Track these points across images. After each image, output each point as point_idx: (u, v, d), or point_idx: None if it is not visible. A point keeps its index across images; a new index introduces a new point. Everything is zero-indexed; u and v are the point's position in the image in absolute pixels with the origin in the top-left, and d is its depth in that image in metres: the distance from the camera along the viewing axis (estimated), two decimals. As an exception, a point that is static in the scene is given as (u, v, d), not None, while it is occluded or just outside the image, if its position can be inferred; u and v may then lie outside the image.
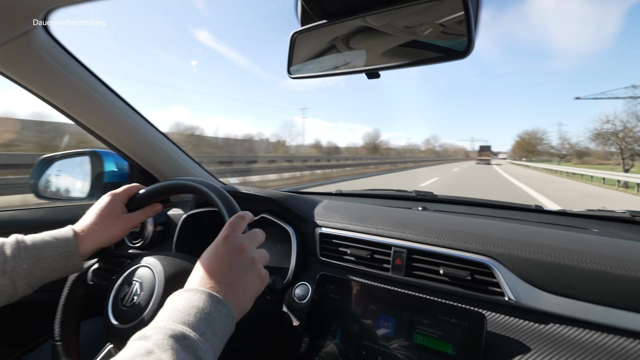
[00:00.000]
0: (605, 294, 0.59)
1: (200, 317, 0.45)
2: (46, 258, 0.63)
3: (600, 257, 0.63)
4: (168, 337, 0.41)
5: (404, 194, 1.43)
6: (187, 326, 0.43)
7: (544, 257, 0.65)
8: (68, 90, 0.93)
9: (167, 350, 0.39)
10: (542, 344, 0.60)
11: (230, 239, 0.57)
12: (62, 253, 0.64)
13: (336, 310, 0.73)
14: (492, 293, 0.67)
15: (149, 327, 0.44)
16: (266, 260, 0.61)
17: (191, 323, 0.44)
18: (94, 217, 0.71)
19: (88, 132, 1.06)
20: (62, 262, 0.64)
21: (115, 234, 0.73)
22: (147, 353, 0.38)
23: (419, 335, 0.65)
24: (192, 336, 0.42)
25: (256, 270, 0.57)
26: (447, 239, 0.74)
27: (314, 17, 0.61)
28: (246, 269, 0.55)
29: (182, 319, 0.44)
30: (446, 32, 0.50)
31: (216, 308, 0.48)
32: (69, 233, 0.67)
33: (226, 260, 0.54)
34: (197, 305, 0.47)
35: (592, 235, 0.83)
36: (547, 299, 0.63)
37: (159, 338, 0.40)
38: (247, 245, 0.58)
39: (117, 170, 1.26)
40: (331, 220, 0.90)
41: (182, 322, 0.44)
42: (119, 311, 0.65)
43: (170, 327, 0.42)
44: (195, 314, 0.45)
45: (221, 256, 0.55)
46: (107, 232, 0.71)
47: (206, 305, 0.47)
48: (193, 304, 0.47)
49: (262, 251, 0.60)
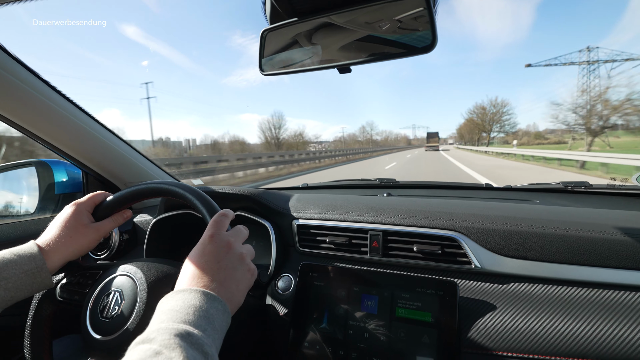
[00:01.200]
0: (553, 253, 0.69)
1: (199, 315, 0.46)
2: (10, 277, 0.58)
3: (546, 222, 0.74)
4: (173, 336, 0.41)
5: (369, 183, 1.50)
6: (189, 324, 0.44)
7: (501, 227, 0.74)
8: (9, 94, 0.84)
9: (175, 348, 0.39)
10: (506, 301, 0.68)
11: (216, 237, 0.58)
12: (28, 270, 0.60)
13: (321, 297, 0.77)
14: (461, 263, 0.75)
15: (149, 330, 0.43)
16: (253, 255, 0.62)
17: (192, 321, 0.45)
18: (59, 229, 0.67)
19: (34, 140, 0.97)
20: (28, 280, 0.60)
21: (84, 246, 0.69)
22: (155, 354, 0.38)
23: (400, 309, 0.70)
24: (196, 333, 0.43)
25: (245, 265, 0.58)
26: (417, 219, 0.81)
27: (283, 15, 0.62)
28: (236, 265, 0.56)
29: (183, 318, 0.45)
30: (412, 28, 0.55)
31: (212, 305, 0.49)
32: (33, 248, 0.62)
33: (215, 258, 0.55)
34: (194, 303, 0.47)
35: (535, 205, 0.95)
36: (507, 263, 0.72)
37: (164, 338, 0.40)
38: (234, 241, 0.59)
39: (69, 180, 1.18)
40: (307, 212, 0.93)
41: (183, 321, 0.44)
42: (99, 323, 0.62)
43: (174, 327, 0.42)
44: (194, 312, 0.46)
45: (209, 255, 0.55)
46: (75, 244, 0.67)
47: (203, 303, 0.48)
48: (190, 303, 0.47)
49: (248, 246, 0.62)
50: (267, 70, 0.67)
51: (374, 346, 0.69)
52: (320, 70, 0.64)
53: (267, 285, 0.86)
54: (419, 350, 0.66)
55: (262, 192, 0.97)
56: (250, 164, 15.13)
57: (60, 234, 0.66)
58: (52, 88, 0.93)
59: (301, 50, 0.66)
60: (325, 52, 0.64)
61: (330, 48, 0.63)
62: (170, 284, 0.64)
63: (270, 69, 0.68)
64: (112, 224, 0.74)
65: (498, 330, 0.65)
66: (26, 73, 0.86)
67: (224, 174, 12.46)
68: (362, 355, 0.69)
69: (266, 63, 0.67)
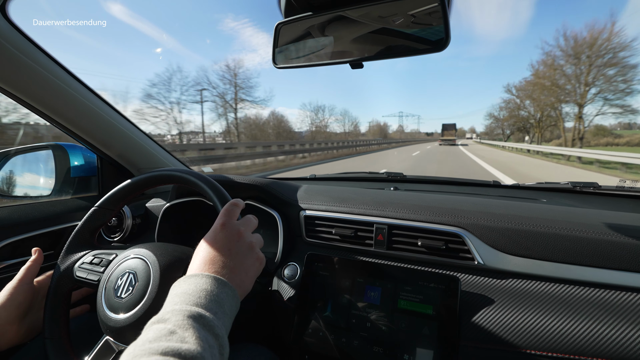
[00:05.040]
0: (556, 252, 0.70)
1: (210, 299, 0.48)
2: None
3: (551, 222, 0.74)
4: (186, 317, 0.43)
5: (376, 176, 1.51)
6: (201, 307, 0.46)
7: (506, 225, 0.75)
8: (31, 80, 0.87)
9: (188, 329, 0.42)
10: (506, 297, 0.70)
11: (227, 225, 0.60)
12: None
13: (326, 286, 0.79)
14: (464, 259, 0.76)
15: (163, 311, 0.46)
16: (261, 244, 0.64)
17: (204, 304, 0.47)
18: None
19: (53, 125, 1.00)
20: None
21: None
22: (170, 333, 0.41)
23: (402, 301, 0.72)
24: (208, 315, 0.45)
25: (254, 253, 0.60)
26: (423, 214, 0.82)
27: (298, 9, 0.63)
28: (246, 253, 0.58)
29: (195, 302, 0.47)
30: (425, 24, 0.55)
31: (223, 290, 0.51)
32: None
33: (226, 245, 0.57)
34: (205, 288, 0.50)
35: (542, 204, 0.95)
36: (509, 260, 0.73)
37: (178, 319, 0.43)
38: (244, 230, 0.61)
39: (85, 164, 1.21)
40: (314, 203, 0.95)
41: (195, 304, 0.47)
42: (114, 303, 0.65)
43: (187, 309, 0.45)
44: (206, 296, 0.48)
45: (221, 242, 0.57)
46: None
47: (214, 288, 0.50)
48: (202, 287, 0.49)
49: (257, 235, 0.64)
50: (280, 64, 0.69)
51: (376, 335, 0.71)
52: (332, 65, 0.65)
53: (274, 273, 0.88)
54: (420, 341, 0.68)
55: (270, 183, 0.98)
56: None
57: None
58: (73, 76, 0.96)
59: (314, 44, 0.66)
60: (338, 46, 0.65)
61: (343, 43, 0.64)
62: (181, 269, 0.67)
63: (284, 62, 0.69)
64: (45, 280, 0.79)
65: (497, 325, 0.67)
66: (47, 60, 0.88)
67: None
68: (363, 343, 0.71)
69: (280, 56, 0.69)
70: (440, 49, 0.53)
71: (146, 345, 0.39)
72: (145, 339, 0.40)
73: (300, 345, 0.76)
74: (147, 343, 0.39)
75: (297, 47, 0.68)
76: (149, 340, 0.40)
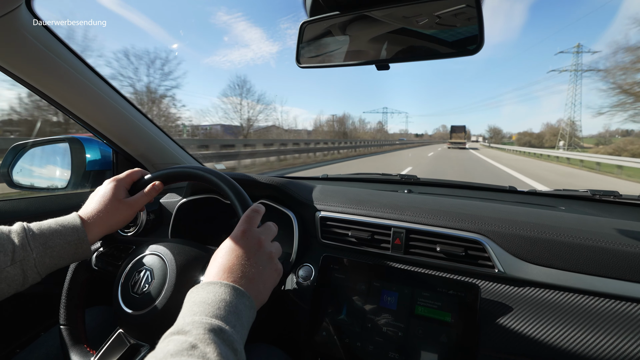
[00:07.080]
0: (579, 263, 0.68)
1: (229, 310, 0.47)
2: (55, 247, 0.62)
3: (575, 232, 0.72)
4: (207, 331, 0.42)
5: (389, 178, 1.50)
6: (221, 320, 0.45)
7: (528, 233, 0.74)
8: (52, 73, 0.87)
9: (210, 344, 0.41)
10: (527, 307, 0.68)
11: (248, 233, 0.58)
12: (71, 241, 0.64)
13: (341, 289, 0.78)
14: (484, 266, 0.75)
15: (183, 322, 0.45)
16: (280, 253, 0.63)
17: (223, 317, 0.46)
18: (98, 204, 0.70)
19: (71, 118, 1.01)
20: (71, 250, 0.64)
21: (120, 220, 0.72)
22: (192, 347, 0.40)
23: (420, 307, 0.71)
24: (228, 329, 0.45)
25: (273, 264, 0.59)
26: (442, 219, 0.81)
27: (324, 8, 0.62)
28: (265, 263, 0.57)
29: (215, 313, 0.46)
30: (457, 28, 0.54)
31: (241, 300, 0.50)
32: (76, 220, 0.66)
33: (246, 254, 0.56)
34: (224, 298, 0.49)
35: (563, 213, 0.93)
36: (531, 269, 0.71)
37: (199, 333, 0.42)
38: (265, 239, 0.59)
39: (101, 158, 1.22)
40: (330, 204, 0.94)
41: (215, 316, 0.46)
42: (130, 298, 0.65)
43: (208, 322, 0.44)
44: (225, 307, 0.47)
45: (241, 250, 0.56)
46: (113, 218, 0.70)
47: (233, 298, 0.49)
48: (221, 297, 0.48)
49: (276, 245, 0.62)
50: (304, 63, 0.68)
51: (391, 341, 0.70)
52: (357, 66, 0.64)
53: (288, 274, 0.88)
54: (437, 349, 0.67)
55: (286, 182, 0.98)
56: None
57: (100, 209, 0.69)
58: (92, 70, 0.96)
59: (339, 44, 0.65)
60: (363, 47, 0.64)
61: (369, 43, 0.63)
62: (197, 269, 0.67)
63: (308, 62, 0.68)
64: (146, 199, 0.76)
65: (517, 335, 0.65)
66: (69, 54, 0.89)
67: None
68: (378, 348, 0.71)
69: (304, 55, 0.68)
70: (473, 52, 0.51)
71: (168, 358, 0.38)
72: (167, 351, 0.39)
73: (313, 347, 0.76)
74: (169, 357, 0.38)
75: (321, 46, 0.67)
76: (170, 354, 0.39)
